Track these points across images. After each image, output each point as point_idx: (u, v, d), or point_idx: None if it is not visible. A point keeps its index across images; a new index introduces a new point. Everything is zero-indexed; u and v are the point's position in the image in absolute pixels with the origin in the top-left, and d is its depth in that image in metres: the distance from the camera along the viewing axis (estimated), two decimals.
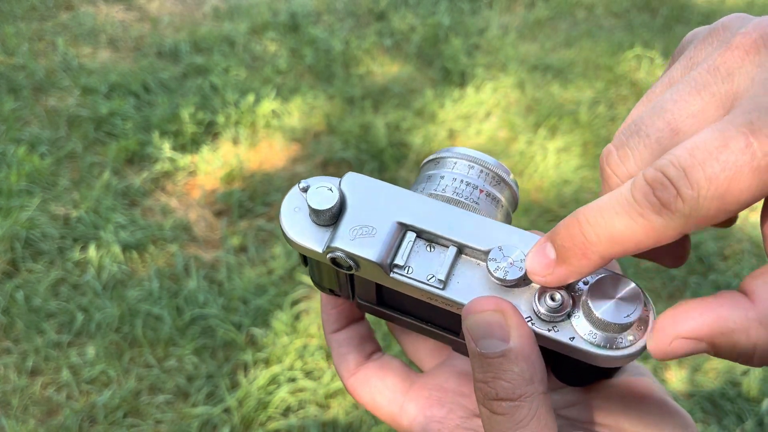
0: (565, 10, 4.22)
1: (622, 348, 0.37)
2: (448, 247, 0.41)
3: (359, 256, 0.41)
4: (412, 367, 0.53)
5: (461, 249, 0.41)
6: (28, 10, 3.92)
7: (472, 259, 0.41)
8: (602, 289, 0.37)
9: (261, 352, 2.16)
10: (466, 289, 0.40)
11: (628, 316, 0.36)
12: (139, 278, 2.40)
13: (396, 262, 0.41)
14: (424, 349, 0.53)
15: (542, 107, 3.27)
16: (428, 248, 0.42)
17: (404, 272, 0.41)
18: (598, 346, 0.37)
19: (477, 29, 3.93)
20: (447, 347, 0.52)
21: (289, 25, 3.87)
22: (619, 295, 0.37)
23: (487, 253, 0.40)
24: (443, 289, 0.40)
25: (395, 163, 2.96)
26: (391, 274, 0.41)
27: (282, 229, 0.44)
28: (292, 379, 2.07)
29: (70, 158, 2.93)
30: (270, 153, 3.02)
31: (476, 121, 3.21)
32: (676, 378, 2.12)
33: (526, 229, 0.42)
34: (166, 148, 2.94)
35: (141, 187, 2.79)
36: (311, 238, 0.43)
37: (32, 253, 2.47)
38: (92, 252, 2.44)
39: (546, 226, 2.58)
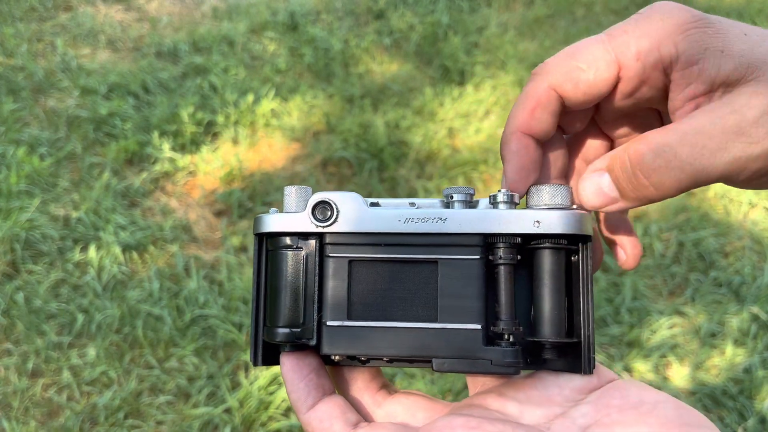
0: (564, 7, 4.21)
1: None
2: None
3: (339, 195, 0.46)
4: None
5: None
6: (27, 11, 3.92)
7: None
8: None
9: None
10: (431, 209, 0.47)
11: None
12: (140, 279, 2.40)
13: (371, 202, 0.48)
14: (417, 408, 0.49)
15: None
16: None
17: (381, 208, 0.47)
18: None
19: (476, 27, 3.92)
20: (437, 403, 0.49)
21: (288, 25, 3.87)
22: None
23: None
24: (415, 206, 0.47)
25: (395, 161, 2.96)
26: (370, 207, 0.47)
27: (262, 223, 0.48)
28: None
29: (70, 159, 2.93)
30: (269, 152, 3.02)
31: (476, 120, 3.21)
32: (678, 375, 2.12)
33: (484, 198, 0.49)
34: (166, 148, 2.94)
35: (141, 188, 2.79)
36: (292, 214, 0.47)
37: (32, 254, 2.46)
38: (92, 253, 2.44)
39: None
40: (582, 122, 0.50)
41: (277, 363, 0.49)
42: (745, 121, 0.38)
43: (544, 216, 0.44)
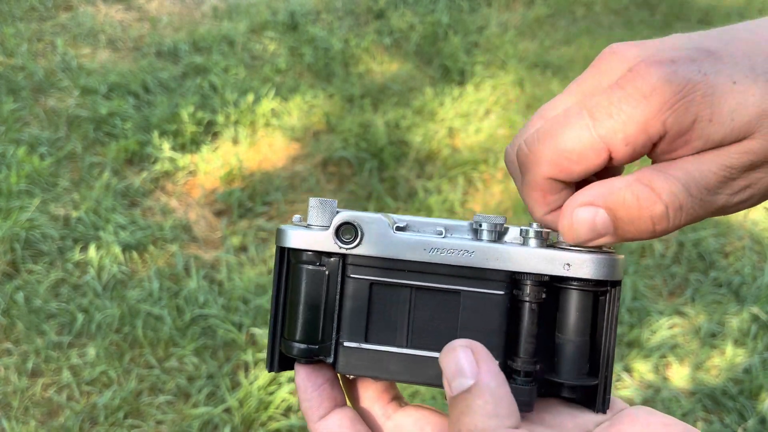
0: (564, 7, 4.21)
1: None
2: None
3: (364, 217, 0.46)
4: None
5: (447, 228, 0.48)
6: (28, 10, 3.92)
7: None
8: None
9: (261, 352, 2.16)
10: (459, 239, 0.46)
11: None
12: (140, 278, 2.40)
13: (398, 225, 0.47)
14: (426, 422, 0.49)
15: (542, 105, 3.27)
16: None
17: (407, 231, 0.47)
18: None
19: (476, 27, 3.92)
20: (447, 418, 0.49)
21: (288, 24, 3.87)
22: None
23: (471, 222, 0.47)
24: (443, 236, 0.46)
25: (395, 161, 2.96)
26: (396, 233, 0.46)
27: (286, 237, 0.48)
28: (293, 379, 2.06)
29: (70, 159, 2.93)
30: (270, 152, 3.02)
31: (476, 119, 3.21)
32: (678, 375, 2.12)
33: (514, 225, 0.48)
34: (166, 147, 2.94)
35: (141, 187, 2.79)
36: (316, 232, 0.47)
37: (32, 254, 2.46)
38: (92, 252, 2.44)
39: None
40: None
41: (292, 368, 0.49)
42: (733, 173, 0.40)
43: (575, 259, 0.44)
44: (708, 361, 2.17)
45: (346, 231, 0.46)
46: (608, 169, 0.48)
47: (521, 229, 0.46)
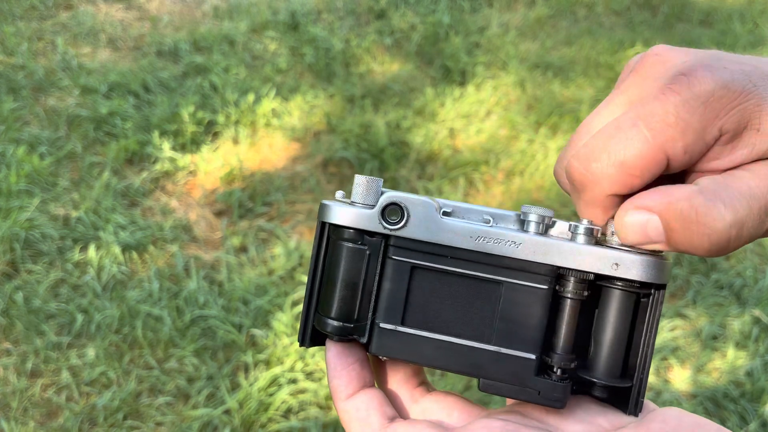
0: (565, 8, 4.21)
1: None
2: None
3: (412, 199, 0.45)
4: None
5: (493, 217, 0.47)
6: (28, 9, 3.91)
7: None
8: None
9: (262, 353, 2.15)
10: (507, 229, 0.45)
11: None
12: (139, 279, 2.39)
13: (444, 209, 0.46)
14: (453, 408, 0.49)
15: (543, 106, 3.26)
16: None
17: (454, 217, 0.46)
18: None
19: (477, 27, 3.92)
20: (474, 407, 0.49)
21: (289, 24, 3.86)
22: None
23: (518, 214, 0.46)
24: (491, 225, 0.45)
25: (395, 162, 2.95)
26: (443, 218, 0.45)
27: (329, 212, 0.47)
28: (293, 381, 2.06)
29: (70, 158, 2.92)
30: (270, 152, 3.01)
31: (477, 120, 3.20)
32: (680, 378, 2.12)
33: (563, 221, 0.47)
34: (166, 147, 2.93)
35: (141, 187, 2.78)
36: (361, 209, 0.46)
37: (32, 254, 2.46)
38: (92, 253, 2.43)
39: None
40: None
41: (323, 344, 0.49)
42: None
43: (624, 259, 0.43)
44: (709, 363, 2.16)
45: (392, 212, 0.45)
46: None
47: (570, 224, 0.45)
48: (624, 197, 0.43)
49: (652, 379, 2.11)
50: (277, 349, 2.14)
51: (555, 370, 0.44)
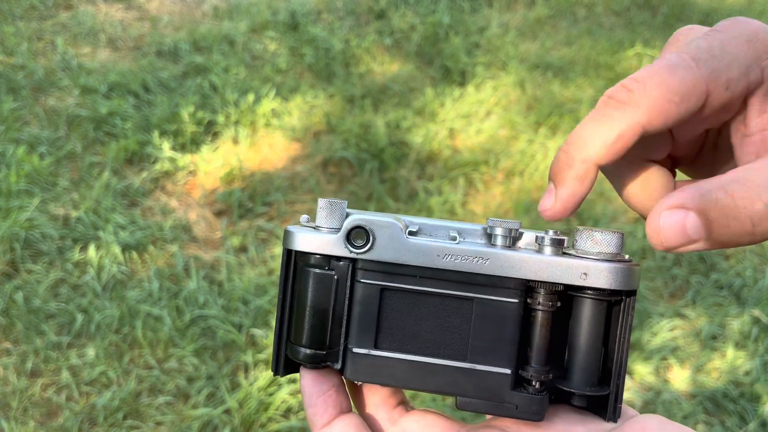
0: (565, 8, 4.21)
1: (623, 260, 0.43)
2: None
3: (377, 221, 0.44)
4: None
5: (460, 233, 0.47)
6: (28, 9, 3.91)
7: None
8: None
9: (261, 353, 2.15)
10: (473, 245, 0.44)
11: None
12: (139, 279, 2.39)
13: (411, 229, 0.46)
14: (433, 426, 0.49)
15: (543, 106, 3.26)
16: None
17: (420, 236, 0.46)
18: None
19: (477, 28, 3.92)
20: (454, 423, 0.49)
21: (289, 24, 3.86)
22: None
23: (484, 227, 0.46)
24: (457, 242, 0.45)
25: (395, 162, 2.95)
26: (408, 238, 0.44)
27: (293, 239, 0.46)
28: (293, 381, 2.06)
29: (70, 158, 2.92)
30: (270, 152, 3.01)
31: (477, 120, 3.20)
32: (679, 378, 2.12)
33: (528, 229, 0.46)
34: (166, 147, 2.93)
35: (141, 187, 2.79)
36: (325, 235, 0.45)
37: (32, 253, 2.46)
38: (92, 252, 2.43)
39: (547, 226, 2.58)
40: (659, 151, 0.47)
41: (298, 371, 0.48)
42: None
43: (592, 268, 0.43)
44: (709, 363, 2.17)
45: (358, 236, 0.45)
46: (674, 159, 0.46)
47: (537, 236, 0.45)
48: (635, 144, 0.40)
49: (652, 379, 2.11)
50: None
51: (531, 383, 0.44)
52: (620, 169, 0.46)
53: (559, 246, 0.44)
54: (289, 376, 2.05)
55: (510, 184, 2.86)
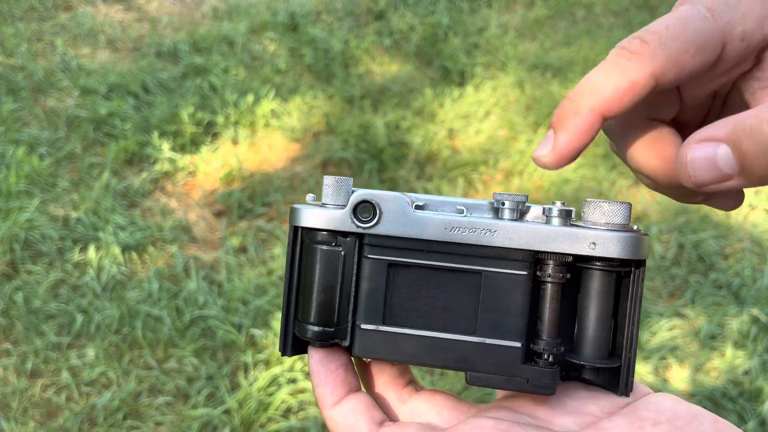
0: (564, 8, 4.21)
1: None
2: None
3: (383, 195, 0.44)
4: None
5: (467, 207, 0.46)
6: (27, 10, 3.92)
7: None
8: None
9: (261, 353, 2.16)
10: (480, 218, 0.44)
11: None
12: (139, 279, 2.39)
13: (417, 203, 0.45)
14: (443, 407, 0.48)
15: (542, 106, 3.27)
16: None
17: (426, 210, 0.45)
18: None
19: (476, 28, 3.92)
20: (463, 404, 0.48)
21: (288, 25, 3.87)
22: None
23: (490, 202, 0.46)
24: (464, 215, 0.44)
25: (395, 162, 2.95)
26: (415, 211, 0.44)
27: (299, 215, 0.46)
28: (293, 380, 2.06)
29: (70, 159, 2.92)
30: (269, 153, 3.02)
31: (476, 121, 3.21)
32: (678, 377, 2.12)
33: (535, 204, 0.46)
34: (166, 148, 2.94)
35: (140, 188, 2.79)
36: (332, 210, 0.45)
37: (31, 254, 2.46)
38: (92, 253, 2.44)
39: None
40: (669, 109, 0.45)
41: (305, 351, 0.48)
42: None
43: (601, 238, 0.42)
44: (708, 363, 2.17)
45: (364, 210, 0.44)
46: (685, 124, 0.44)
47: (544, 208, 0.45)
48: (652, 96, 0.39)
49: (651, 378, 2.12)
50: (277, 349, 2.15)
51: (542, 356, 0.43)
52: (626, 126, 0.44)
53: (567, 217, 0.44)
54: (289, 375, 2.05)
55: (509, 184, 2.87)
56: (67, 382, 2.07)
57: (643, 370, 2.13)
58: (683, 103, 0.45)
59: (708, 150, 0.36)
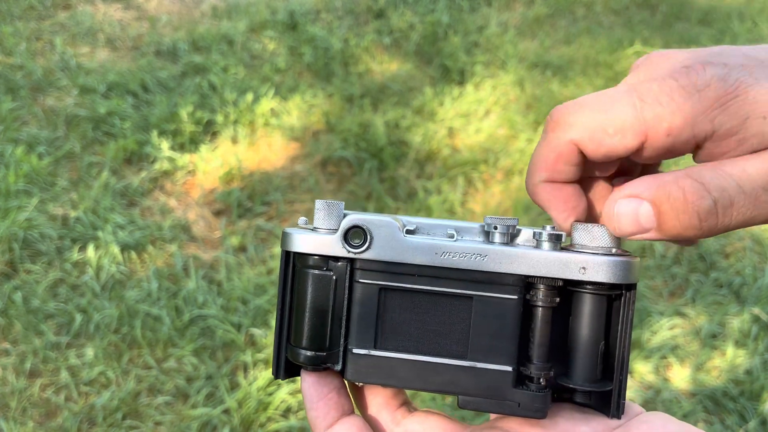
0: (564, 7, 4.21)
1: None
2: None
3: (374, 220, 0.44)
4: None
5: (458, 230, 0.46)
6: (26, 9, 3.91)
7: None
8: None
9: (261, 352, 2.15)
10: (471, 242, 0.44)
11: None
12: (138, 278, 2.39)
13: (408, 228, 0.45)
14: (436, 428, 0.48)
15: (542, 105, 3.26)
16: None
17: (417, 234, 0.45)
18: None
19: (476, 27, 3.92)
20: (457, 425, 0.48)
21: (288, 24, 3.86)
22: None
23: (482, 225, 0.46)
24: (455, 240, 0.44)
25: (394, 161, 2.95)
26: (406, 236, 0.44)
27: (291, 241, 0.46)
28: (293, 380, 2.06)
29: (69, 158, 2.92)
30: (269, 152, 3.01)
31: (476, 119, 3.20)
32: (679, 377, 2.12)
33: (525, 226, 0.47)
34: (165, 147, 2.93)
35: (140, 187, 2.78)
36: (323, 235, 0.45)
37: (30, 253, 2.46)
38: (91, 252, 2.43)
39: (547, 224, 2.57)
40: (603, 171, 0.48)
41: (299, 374, 0.48)
42: None
43: (591, 262, 0.42)
44: (709, 362, 2.16)
45: (355, 235, 0.44)
46: (629, 169, 0.47)
47: (534, 232, 0.45)
48: (579, 160, 0.42)
49: (652, 377, 2.11)
50: None
51: (533, 380, 0.44)
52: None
53: (557, 241, 0.44)
54: None
55: (509, 183, 2.86)
56: (66, 381, 2.06)
57: (643, 369, 2.13)
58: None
59: (632, 206, 0.41)
